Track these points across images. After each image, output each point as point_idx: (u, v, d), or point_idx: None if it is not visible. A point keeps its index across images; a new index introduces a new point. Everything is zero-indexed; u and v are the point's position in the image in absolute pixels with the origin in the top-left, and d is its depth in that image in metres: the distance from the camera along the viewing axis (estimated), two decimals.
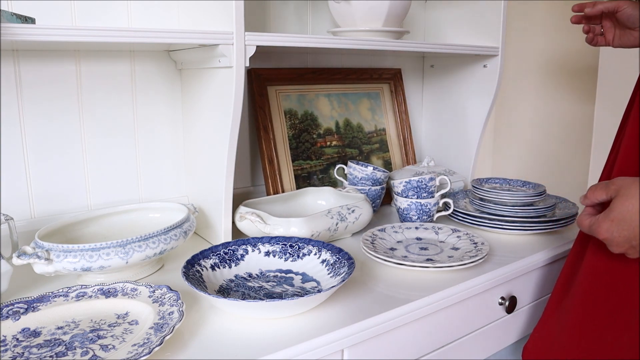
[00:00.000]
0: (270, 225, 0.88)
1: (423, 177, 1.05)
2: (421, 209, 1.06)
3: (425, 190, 1.06)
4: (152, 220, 0.94)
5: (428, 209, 1.06)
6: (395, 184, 1.07)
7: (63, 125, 0.93)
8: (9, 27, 0.64)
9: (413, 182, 1.05)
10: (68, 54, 0.91)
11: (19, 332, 0.63)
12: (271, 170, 1.11)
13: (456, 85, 1.33)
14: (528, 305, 0.97)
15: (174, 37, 0.77)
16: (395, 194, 1.08)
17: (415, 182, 1.05)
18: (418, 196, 1.06)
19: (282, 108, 1.16)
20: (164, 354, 0.59)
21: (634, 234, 0.60)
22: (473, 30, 1.24)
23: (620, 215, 0.61)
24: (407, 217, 1.07)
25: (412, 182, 1.05)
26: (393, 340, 0.74)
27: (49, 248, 0.72)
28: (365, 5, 1.01)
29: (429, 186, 1.06)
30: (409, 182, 1.05)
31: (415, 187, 1.05)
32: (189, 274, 0.72)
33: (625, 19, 0.85)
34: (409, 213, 1.07)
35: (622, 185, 0.62)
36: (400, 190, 1.07)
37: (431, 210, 1.07)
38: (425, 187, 1.06)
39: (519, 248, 0.96)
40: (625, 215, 0.60)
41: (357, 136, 1.28)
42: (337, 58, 1.28)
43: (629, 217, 0.60)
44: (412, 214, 1.06)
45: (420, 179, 1.05)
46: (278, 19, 1.16)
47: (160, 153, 1.04)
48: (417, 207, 1.05)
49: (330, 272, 0.77)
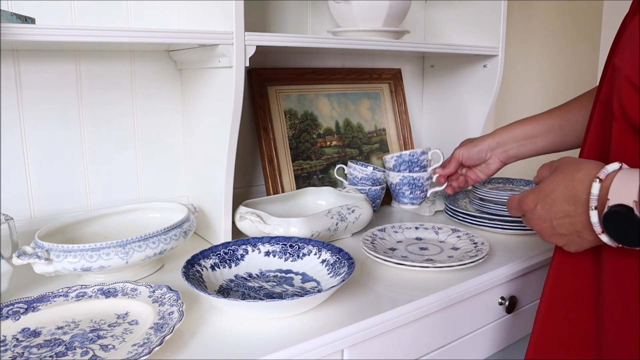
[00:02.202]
0: (270, 225, 0.88)
1: (415, 151, 1.03)
2: (414, 184, 1.03)
3: (417, 164, 1.03)
4: (152, 220, 0.94)
5: (421, 183, 1.03)
6: (387, 159, 1.06)
7: (63, 125, 0.93)
8: (9, 27, 0.64)
9: (405, 156, 1.03)
10: (68, 54, 0.91)
11: (19, 332, 0.63)
12: (271, 170, 1.11)
13: (456, 85, 1.33)
14: (528, 305, 0.97)
15: (174, 37, 0.77)
16: (387, 170, 1.06)
17: (407, 156, 1.03)
18: (410, 170, 1.03)
19: (282, 108, 1.16)
20: (164, 354, 0.59)
21: (554, 211, 0.57)
22: (473, 30, 1.24)
23: (548, 188, 0.58)
24: (400, 192, 1.05)
25: (403, 156, 1.03)
26: (393, 340, 0.74)
27: (49, 248, 0.72)
28: (365, 5, 1.01)
29: (421, 160, 1.04)
30: (400, 157, 1.03)
31: (407, 162, 1.03)
32: (189, 274, 0.72)
33: (471, 161, 0.95)
34: (401, 188, 1.04)
35: (563, 162, 0.59)
36: (392, 165, 1.04)
37: (424, 185, 1.04)
38: (417, 161, 1.03)
39: (519, 248, 0.96)
40: (552, 188, 0.57)
41: (357, 136, 1.28)
42: (337, 58, 1.28)
43: (554, 190, 0.57)
44: (405, 189, 1.04)
45: (412, 153, 1.03)
46: (278, 19, 1.16)
47: (160, 153, 1.04)
48: (410, 182, 1.03)
49: (330, 272, 0.77)
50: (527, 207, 0.61)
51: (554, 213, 0.57)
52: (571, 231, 0.56)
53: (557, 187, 0.57)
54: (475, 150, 0.94)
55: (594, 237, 0.54)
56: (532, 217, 0.61)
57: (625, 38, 0.56)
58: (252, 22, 1.11)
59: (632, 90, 0.53)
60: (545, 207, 0.58)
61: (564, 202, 0.56)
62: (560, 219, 0.57)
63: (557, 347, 0.66)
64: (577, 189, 0.54)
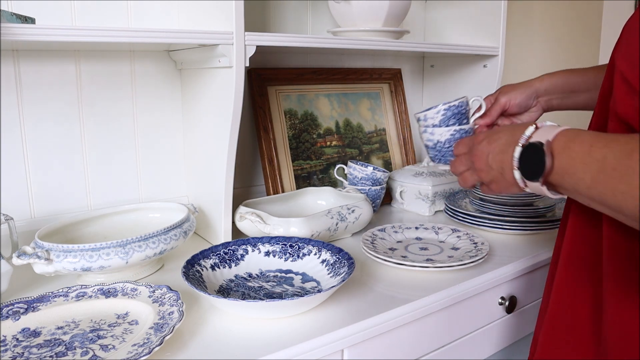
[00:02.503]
0: (270, 225, 0.88)
1: (462, 99, 0.84)
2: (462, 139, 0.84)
3: (465, 115, 0.85)
4: (152, 220, 0.94)
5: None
6: (431, 115, 0.83)
7: (63, 125, 0.93)
8: (9, 27, 0.64)
9: (454, 108, 0.83)
10: (68, 54, 0.91)
11: (19, 332, 0.63)
12: (271, 170, 1.11)
13: (456, 85, 1.33)
14: (528, 305, 0.97)
15: (174, 37, 0.77)
16: (432, 127, 0.84)
17: (455, 107, 0.83)
18: (460, 123, 0.83)
19: (282, 108, 1.16)
20: (164, 354, 0.59)
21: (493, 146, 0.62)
22: (473, 30, 1.24)
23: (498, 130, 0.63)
24: (448, 152, 0.84)
25: (452, 108, 0.82)
26: (393, 340, 0.74)
27: (49, 248, 0.72)
28: (365, 5, 1.01)
29: (467, 110, 0.85)
30: (449, 109, 0.82)
31: (457, 114, 0.83)
32: (189, 274, 0.72)
33: (518, 108, 0.87)
34: (450, 146, 0.84)
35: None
36: (439, 121, 0.83)
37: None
38: (466, 112, 0.85)
39: (519, 248, 0.96)
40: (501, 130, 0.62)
41: (357, 136, 1.28)
42: (337, 58, 1.28)
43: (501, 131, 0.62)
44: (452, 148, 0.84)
45: (460, 102, 0.83)
46: (278, 19, 1.16)
47: (160, 153, 1.04)
48: (461, 137, 0.82)
49: (330, 272, 0.77)
50: (477, 139, 0.66)
51: (492, 147, 0.62)
52: (498, 167, 0.61)
53: (505, 130, 0.63)
54: (524, 96, 0.86)
55: (511, 176, 0.59)
56: (477, 149, 0.65)
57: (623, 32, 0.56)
58: (252, 22, 1.11)
59: (624, 85, 0.53)
60: (490, 142, 0.63)
61: (504, 141, 0.61)
62: (495, 154, 0.62)
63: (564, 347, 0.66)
64: (517, 133, 0.59)
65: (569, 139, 0.52)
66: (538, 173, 0.53)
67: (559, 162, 0.52)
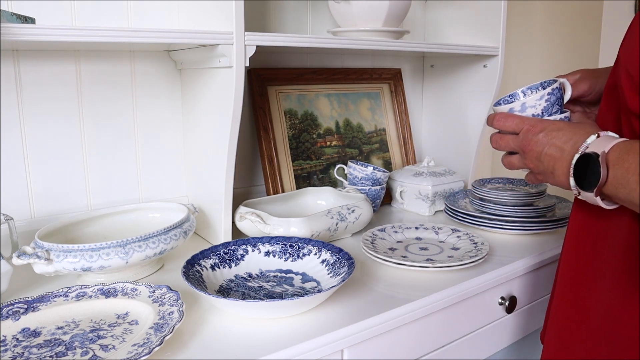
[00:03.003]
0: (270, 225, 0.88)
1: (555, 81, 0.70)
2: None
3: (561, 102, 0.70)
4: (152, 220, 0.94)
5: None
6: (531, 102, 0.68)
7: (63, 125, 0.93)
8: (9, 27, 0.64)
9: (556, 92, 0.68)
10: (68, 54, 0.91)
11: (19, 332, 0.63)
12: (271, 170, 1.11)
13: (456, 85, 1.33)
14: (528, 305, 0.97)
15: (174, 37, 0.77)
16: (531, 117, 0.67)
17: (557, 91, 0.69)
18: (560, 111, 0.70)
19: (282, 108, 1.16)
20: (164, 354, 0.59)
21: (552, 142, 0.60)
22: (473, 30, 1.24)
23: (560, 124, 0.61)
24: None
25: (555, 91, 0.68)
26: (393, 340, 0.74)
27: (49, 248, 0.72)
28: (365, 5, 1.01)
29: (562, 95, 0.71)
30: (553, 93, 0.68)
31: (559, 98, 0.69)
32: (189, 274, 0.72)
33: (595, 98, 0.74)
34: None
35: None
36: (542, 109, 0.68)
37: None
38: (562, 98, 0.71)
39: (519, 248, 0.96)
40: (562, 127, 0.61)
41: (357, 136, 1.28)
42: (337, 58, 1.28)
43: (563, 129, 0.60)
44: None
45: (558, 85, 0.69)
46: (278, 19, 1.16)
47: (160, 153, 1.04)
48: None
49: (330, 272, 0.77)
50: (533, 127, 0.63)
51: (549, 144, 0.60)
52: (550, 167, 0.60)
53: (566, 128, 0.60)
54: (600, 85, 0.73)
55: (562, 180, 0.59)
56: (531, 138, 0.63)
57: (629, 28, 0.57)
58: (252, 22, 1.10)
59: (628, 80, 0.54)
60: (548, 136, 0.61)
61: (563, 141, 0.59)
62: (550, 153, 0.60)
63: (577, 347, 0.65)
64: (578, 137, 0.58)
65: (623, 150, 0.52)
66: (592, 184, 0.54)
67: (613, 173, 0.52)
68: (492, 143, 0.70)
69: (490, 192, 1.05)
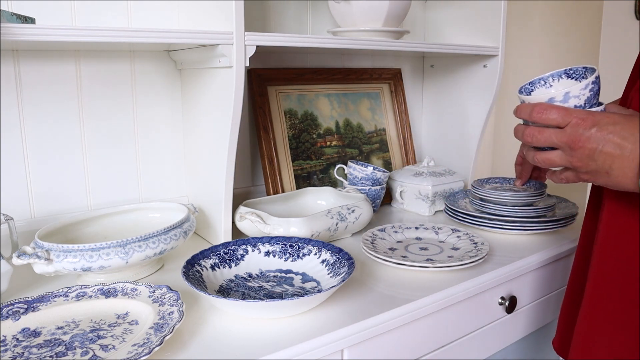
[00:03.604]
0: (270, 225, 0.88)
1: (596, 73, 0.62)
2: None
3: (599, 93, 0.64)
4: (152, 220, 0.94)
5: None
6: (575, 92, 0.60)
7: (63, 125, 0.93)
8: (9, 27, 0.64)
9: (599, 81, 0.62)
10: (68, 54, 0.91)
11: (19, 332, 0.63)
12: (271, 170, 1.11)
13: (456, 85, 1.33)
14: (528, 305, 0.97)
15: (174, 37, 0.77)
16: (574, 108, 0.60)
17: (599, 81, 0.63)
18: (599, 103, 0.63)
19: (282, 108, 1.16)
20: (164, 354, 0.59)
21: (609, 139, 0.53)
22: (473, 30, 1.24)
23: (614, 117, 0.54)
24: None
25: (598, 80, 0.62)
26: (393, 340, 0.74)
27: (49, 248, 0.72)
28: (365, 5, 1.01)
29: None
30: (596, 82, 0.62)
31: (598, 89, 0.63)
32: (189, 274, 0.72)
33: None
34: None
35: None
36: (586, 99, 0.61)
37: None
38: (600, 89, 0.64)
39: (519, 248, 0.96)
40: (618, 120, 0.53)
41: (357, 136, 1.28)
42: (337, 58, 1.28)
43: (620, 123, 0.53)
44: None
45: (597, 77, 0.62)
46: (278, 19, 1.16)
47: (160, 153, 1.04)
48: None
49: (330, 272, 0.77)
50: (583, 122, 0.54)
51: (607, 139, 0.53)
52: (606, 166, 0.53)
53: (622, 121, 0.53)
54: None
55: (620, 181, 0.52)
56: (582, 133, 0.54)
57: None
58: (252, 22, 1.11)
59: None
60: (603, 131, 0.53)
61: (623, 135, 0.52)
62: (608, 148, 0.53)
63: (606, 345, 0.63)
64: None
65: None
66: None
67: None
68: (525, 137, 0.60)
69: (490, 192, 1.05)
